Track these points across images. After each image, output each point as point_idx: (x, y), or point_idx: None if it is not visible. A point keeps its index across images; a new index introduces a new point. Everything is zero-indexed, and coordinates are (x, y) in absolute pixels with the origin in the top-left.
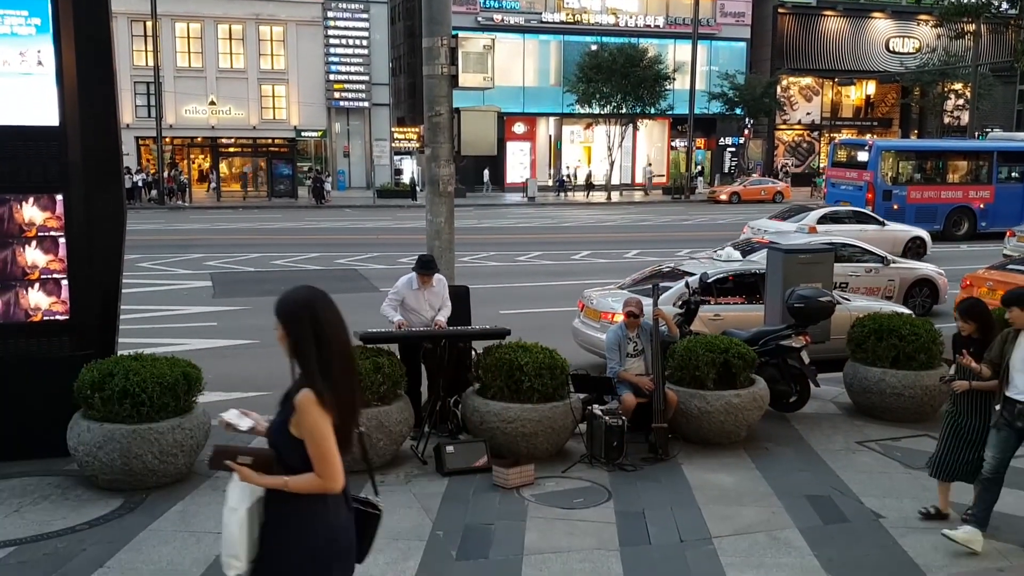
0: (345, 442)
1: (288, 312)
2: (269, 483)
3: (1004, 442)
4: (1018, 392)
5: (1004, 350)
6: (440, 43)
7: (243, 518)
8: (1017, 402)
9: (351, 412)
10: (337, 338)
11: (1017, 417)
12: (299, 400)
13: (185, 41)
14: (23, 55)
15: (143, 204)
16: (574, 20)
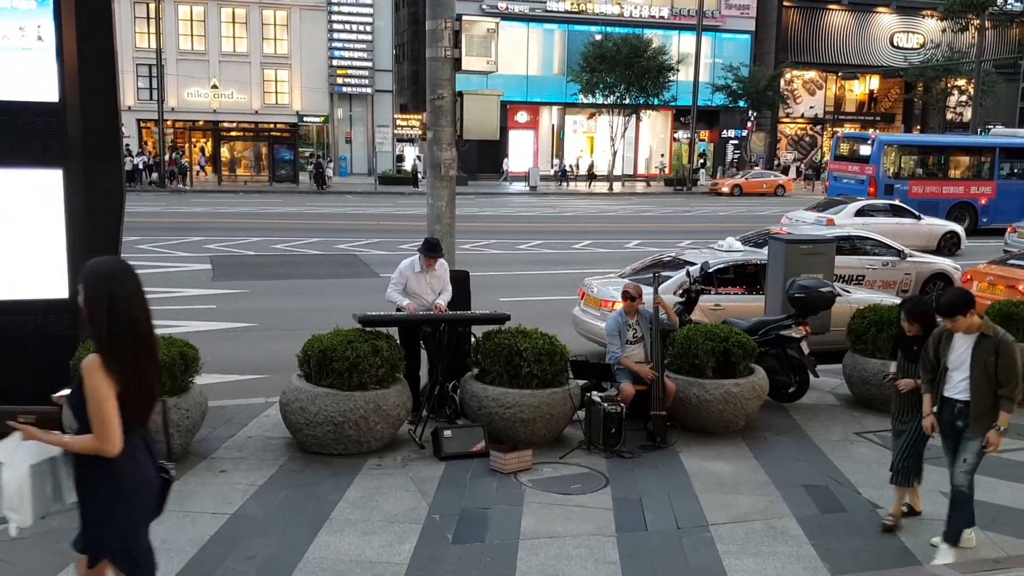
0: (134, 411)
1: (89, 280)
2: (51, 440)
3: (952, 451)
4: (957, 391)
5: (939, 351)
6: (444, 25)
7: (24, 474)
8: (956, 401)
9: (137, 382)
10: (131, 311)
11: (957, 416)
12: (84, 363)
13: (188, 24)
14: (23, 30)
15: (143, 187)
16: (579, 10)
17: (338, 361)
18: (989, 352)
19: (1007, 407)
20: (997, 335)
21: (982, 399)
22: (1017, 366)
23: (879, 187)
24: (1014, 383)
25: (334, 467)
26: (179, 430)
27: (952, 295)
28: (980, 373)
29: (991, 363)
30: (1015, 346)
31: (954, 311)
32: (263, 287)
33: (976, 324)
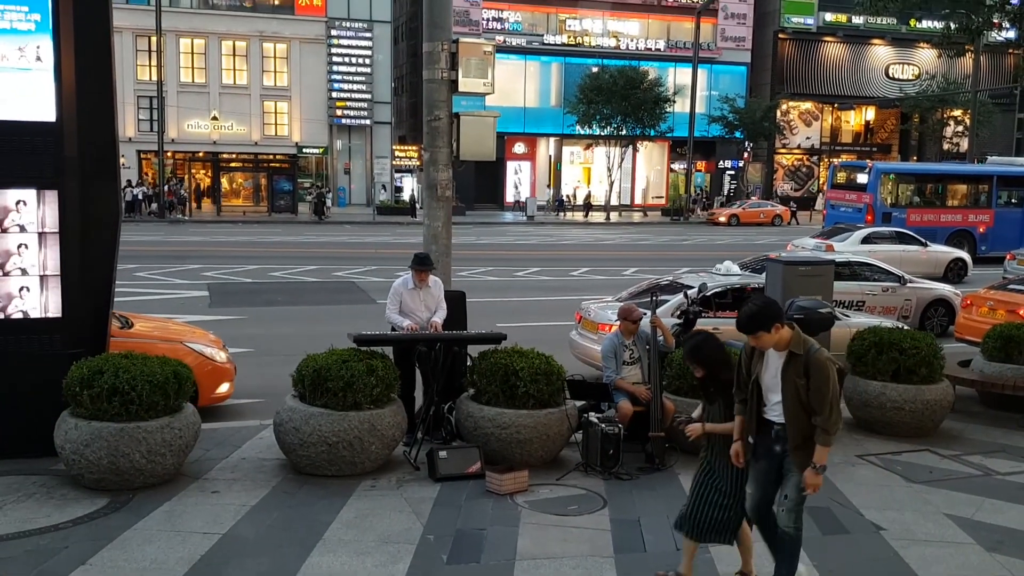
0: None
1: None
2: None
3: (764, 475)
4: (775, 414)
5: (752, 367)
6: (441, 47)
7: None
8: (774, 424)
9: None
10: None
11: (776, 440)
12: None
13: (189, 57)
14: (22, 50)
15: (143, 217)
16: (575, 43)
17: (332, 380)
18: (799, 373)
19: (821, 439)
20: (808, 353)
21: (798, 427)
22: (828, 390)
23: (876, 215)
24: (826, 412)
25: (328, 488)
26: (171, 450)
27: (753, 307)
28: (791, 397)
29: (801, 386)
30: (829, 366)
31: (754, 326)
32: (260, 313)
33: (785, 339)
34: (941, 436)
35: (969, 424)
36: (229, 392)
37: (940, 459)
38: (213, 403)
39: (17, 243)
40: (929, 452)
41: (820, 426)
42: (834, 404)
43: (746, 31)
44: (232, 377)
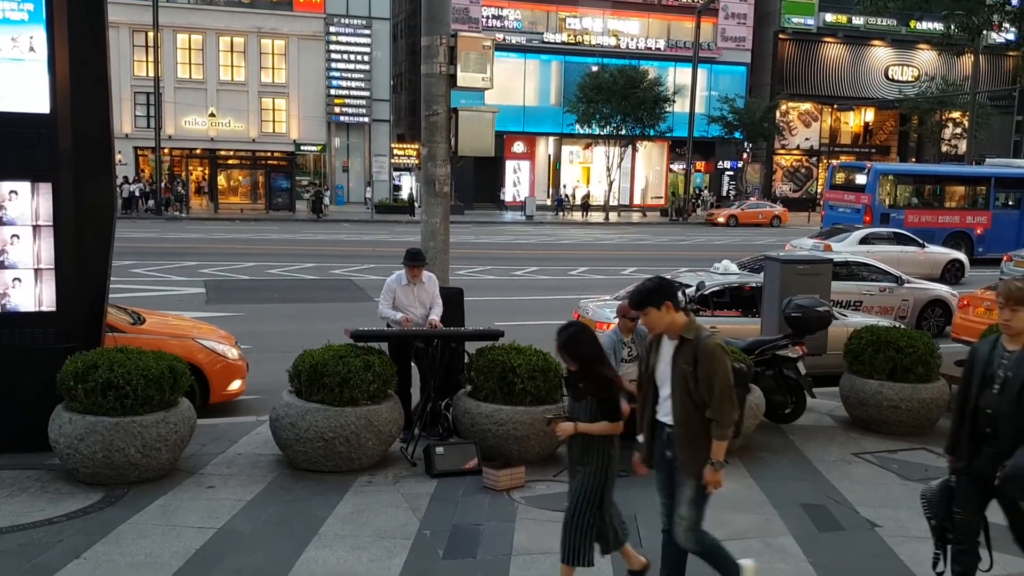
0: None
1: None
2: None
3: (665, 485)
4: (664, 413)
5: (649, 362)
6: (439, 42)
7: None
8: (664, 425)
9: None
10: None
11: (666, 444)
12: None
13: (186, 52)
14: (15, 41)
15: (139, 214)
16: (575, 41)
17: (329, 376)
18: (687, 360)
19: (716, 433)
20: (698, 338)
21: (688, 424)
22: (719, 379)
23: (875, 216)
24: (718, 403)
25: (324, 483)
26: (167, 445)
27: (648, 282)
28: (680, 388)
29: (689, 373)
30: (721, 354)
31: (644, 300)
32: (257, 311)
33: (677, 324)
34: (937, 435)
35: None
36: (241, 389)
37: (936, 457)
38: (225, 400)
39: (10, 235)
40: (925, 450)
41: (712, 418)
42: (726, 394)
43: (746, 31)
44: (244, 374)
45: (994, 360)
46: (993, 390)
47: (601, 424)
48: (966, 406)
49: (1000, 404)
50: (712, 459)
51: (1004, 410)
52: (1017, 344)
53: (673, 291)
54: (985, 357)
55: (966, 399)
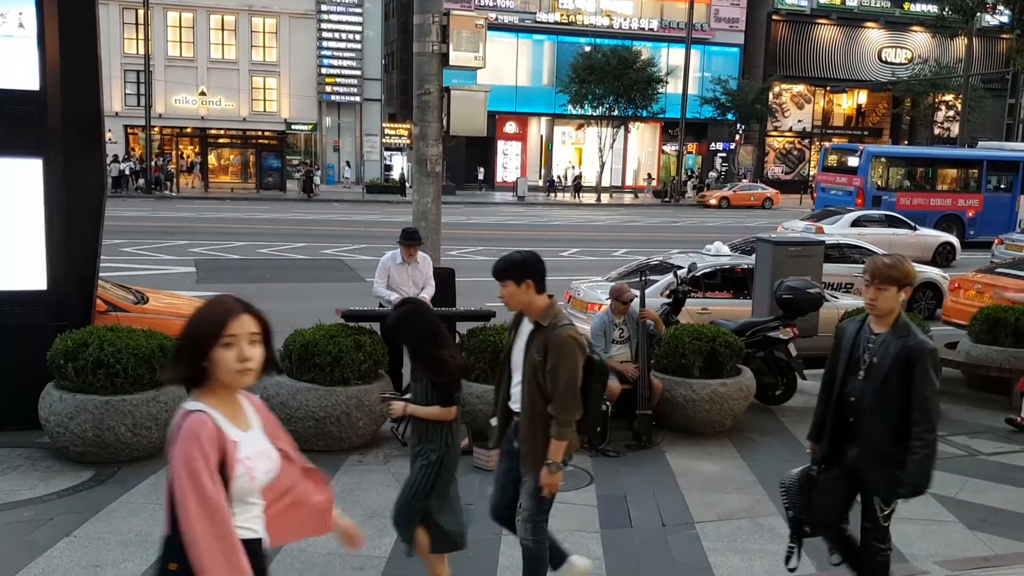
0: None
1: None
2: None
3: (504, 475)
4: (515, 400)
5: (508, 342)
6: (432, 20)
7: None
8: (515, 414)
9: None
10: None
11: (515, 434)
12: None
13: (177, 30)
14: (4, 16)
15: (129, 193)
16: (568, 21)
17: (320, 356)
18: (539, 348)
19: (556, 432)
20: (554, 327)
21: (534, 417)
22: (565, 373)
23: (867, 199)
24: (559, 399)
25: (315, 462)
26: (157, 423)
27: (514, 254)
28: (530, 378)
29: (538, 363)
30: (572, 346)
31: (504, 272)
32: (248, 290)
33: (537, 307)
34: None
35: (955, 405)
36: None
37: None
38: None
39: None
40: None
41: (553, 415)
42: (569, 391)
43: (740, 12)
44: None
45: (860, 343)
46: (858, 376)
47: (433, 408)
48: (831, 392)
49: (865, 392)
50: (549, 459)
51: (868, 399)
52: (884, 326)
53: (540, 271)
54: (851, 340)
55: (831, 385)
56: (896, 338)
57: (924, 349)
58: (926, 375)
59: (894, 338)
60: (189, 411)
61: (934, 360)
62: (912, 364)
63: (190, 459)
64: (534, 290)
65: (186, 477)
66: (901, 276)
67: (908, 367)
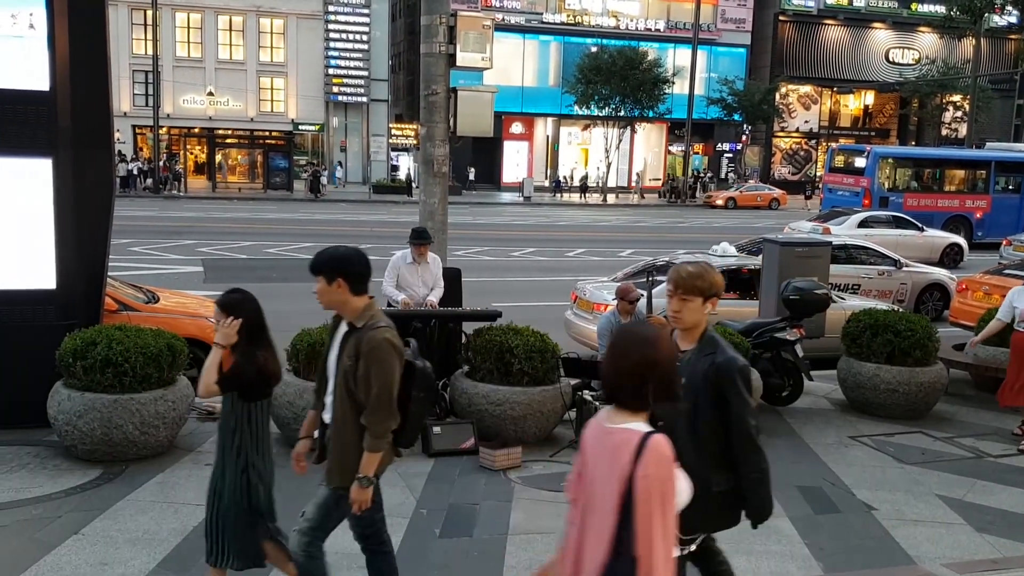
0: None
1: None
2: None
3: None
4: (328, 408)
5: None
6: (439, 21)
7: None
8: (327, 425)
9: None
10: None
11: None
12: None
13: (185, 31)
14: (15, 17)
15: (137, 192)
16: (575, 22)
17: None
18: (351, 352)
19: (368, 443)
20: (369, 328)
21: (344, 427)
22: (379, 380)
23: (874, 199)
24: (372, 407)
25: None
26: (165, 422)
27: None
28: (341, 384)
29: (349, 368)
30: (387, 350)
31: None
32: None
33: (350, 307)
34: (934, 418)
35: (962, 407)
36: None
37: (933, 441)
38: None
39: (9, 212)
40: (922, 434)
41: (367, 424)
42: (383, 399)
43: (746, 12)
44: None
45: None
46: None
47: (212, 374)
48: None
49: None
50: (360, 473)
51: (678, 424)
52: (690, 341)
53: (357, 270)
54: None
55: None
56: (702, 356)
57: (733, 367)
58: (740, 397)
59: (700, 356)
60: (646, 432)
61: (745, 378)
62: (722, 386)
63: (666, 482)
64: (348, 290)
65: (660, 501)
66: (707, 286)
67: (718, 388)
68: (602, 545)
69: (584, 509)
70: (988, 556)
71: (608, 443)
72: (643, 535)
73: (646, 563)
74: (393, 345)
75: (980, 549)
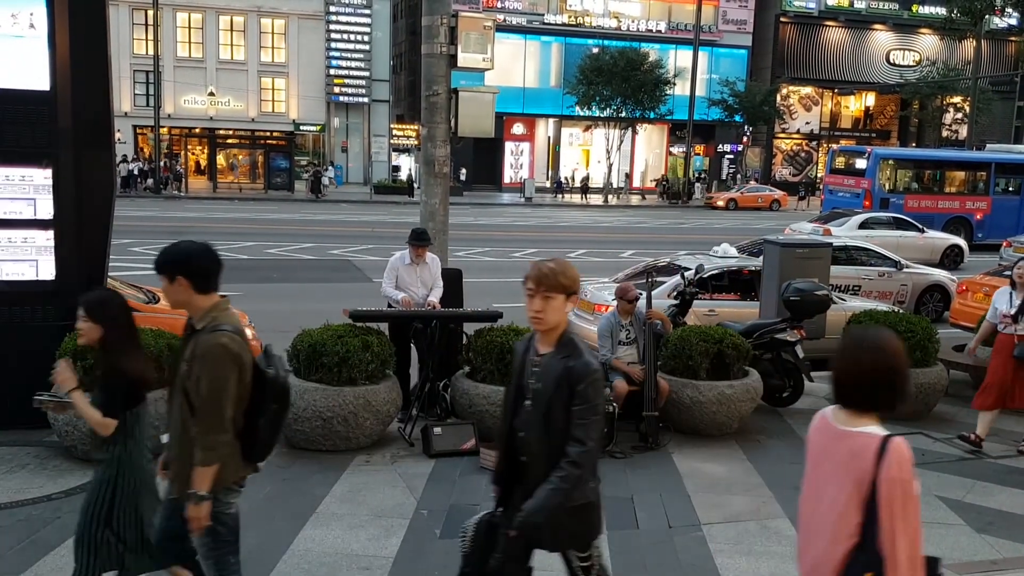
0: None
1: None
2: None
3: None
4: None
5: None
6: (440, 21)
7: None
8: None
9: None
10: None
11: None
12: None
13: (186, 31)
14: (15, 17)
15: (138, 193)
16: (576, 23)
17: (328, 356)
18: (188, 356)
19: (198, 456)
20: (207, 331)
21: (183, 435)
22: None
23: (874, 201)
24: (199, 418)
25: (322, 463)
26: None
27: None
28: (179, 388)
29: (185, 375)
30: (221, 356)
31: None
32: (255, 290)
33: (195, 307)
34: (934, 419)
35: (962, 408)
36: None
37: (933, 442)
38: None
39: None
40: (922, 435)
41: (197, 436)
42: (213, 408)
43: (747, 14)
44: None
45: (527, 366)
46: (526, 405)
47: (94, 412)
48: (504, 426)
49: (530, 425)
50: (196, 489)
51: (533, 433)
52: (549, 344)
53: (194, 266)
54: (520, 362)
55: (504, 417)
56: (558, 359)
57: (587, 371)
58: (585, 399)
59: (556, 359)
60: (885, 436)
61: (596, 384)
62: (573, 390)
63: (908, 484)
64: (191, 289)
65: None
66: (570, 283)
67: (570, 393)
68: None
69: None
70: (988, 557)
71: (845, 446)
72: (887, 535)
73: (892, 562)
74: (228, 350)
75: (980, 550)
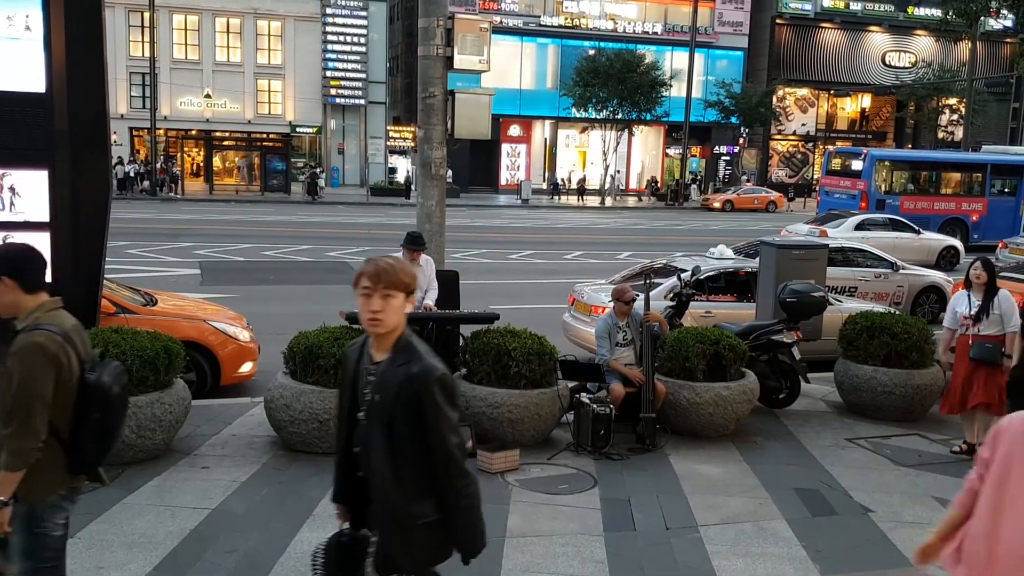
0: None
1: None
2: None
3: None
4: None
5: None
6: (436, 23)
7: None
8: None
9: None
10: None
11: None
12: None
13: (182, 33)
14: (10, 19)
15: (134, 195)
16: (572, 24)
17: (324, 358)
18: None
19: (4, 461)
20: (28, 328)
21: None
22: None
23: (871, 202)
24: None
25: (319, 465)
26: (161, 425)
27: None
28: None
29: (4, 375)
30: (35, 356)
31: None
32: (252, 292)
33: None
34: (931, 421)
35: None
36: (252, 372)
37: (929, 443)
38: (236, 382)
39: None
40: (918, 436)
41: (7, 438)
42: (21, 410)
43: (743, 16)
44: (256, 356)
45: (361, 375)
46: (360, 419)
47: None
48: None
49: (369, 440)
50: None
51: (373, 448)
52: (385, 349)
53: (18, 264)
54: (352, 370)
55: (338, 430)
56: (396, 366)
57: (431, 377)
58: (439, 411)
59: (394, 366)
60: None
61: (446, 389)
62: (420, 399)
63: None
64: (18, 289)
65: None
66: (410, 280)
67: (414, 403)
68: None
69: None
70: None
71: None
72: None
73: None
74: (44, 350)
75: None
